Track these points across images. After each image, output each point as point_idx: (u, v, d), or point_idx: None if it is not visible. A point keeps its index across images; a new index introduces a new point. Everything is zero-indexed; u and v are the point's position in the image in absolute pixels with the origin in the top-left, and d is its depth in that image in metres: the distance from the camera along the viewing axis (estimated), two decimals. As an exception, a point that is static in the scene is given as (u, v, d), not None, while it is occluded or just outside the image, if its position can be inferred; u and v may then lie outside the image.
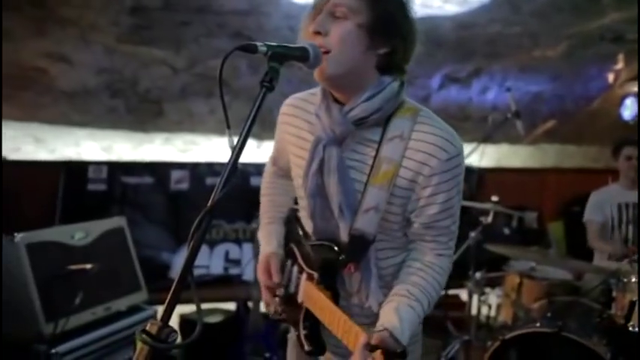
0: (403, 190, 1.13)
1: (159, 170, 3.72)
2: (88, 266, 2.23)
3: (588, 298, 2.67)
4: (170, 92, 3.52)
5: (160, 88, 3.48)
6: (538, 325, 2.38)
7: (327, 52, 1.08)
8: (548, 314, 2.50)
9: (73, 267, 2.22)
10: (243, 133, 0.96)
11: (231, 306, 3.29)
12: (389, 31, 1.10)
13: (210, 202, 0.91)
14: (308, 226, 1.28)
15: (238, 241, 3.88)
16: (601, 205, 3.18)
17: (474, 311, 3.25)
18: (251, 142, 4.20)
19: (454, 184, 1.13)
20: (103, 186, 3.56)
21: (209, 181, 3.79)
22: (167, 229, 3.73)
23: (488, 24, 3.36)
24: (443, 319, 3.30)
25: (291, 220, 1.38)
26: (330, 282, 1.19)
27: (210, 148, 4.04)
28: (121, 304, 2.46)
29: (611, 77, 4.40)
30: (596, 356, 2.17)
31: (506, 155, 4.81)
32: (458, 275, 1.86)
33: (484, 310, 3.33)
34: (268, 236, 1.38)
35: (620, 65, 4.24)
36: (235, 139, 0.96)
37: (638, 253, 2.98)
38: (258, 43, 0.99)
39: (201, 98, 3.62)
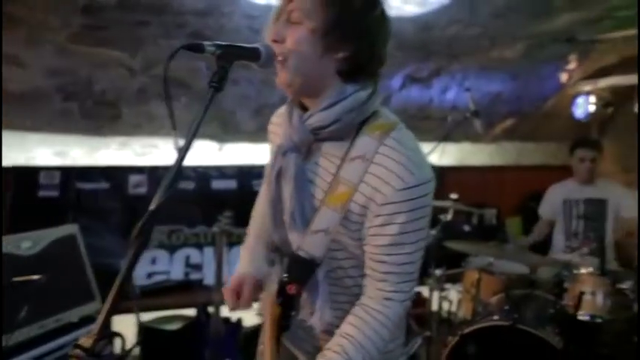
0: (356, 215, 1.06)
1: (115, 175, 3.61)
2: (35, 277, 2.13)
3: (543, 290, 2.76)
4: (127, 94, 3.40)
5: (117, 90, 3.35)
6: (495, 318, 2.46)
7: (284, 60, 1.04)
8: (506, 307, 2.58)
9: (18, 278, 2.11)
10: (191, 134, 0.92)
11: (192, 312, 3.21)
12: (345, 33, 1.02)
13: (152, 205, 0.86)
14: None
15: (199, 246, 3.80)
16: (552, 200, 3.37)
17: (434, 307, 3.28)
18: (212, 145, 4.14)
19: (411, 218, 1.01)
20: (55, 192, 3.42)
21: (169, 184, 3.69)
22: (125, 235, 3.60)
23: (447, 25, 3.40)
24: (404, 316, 3.32)
25: None
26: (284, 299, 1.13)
27: (170, 152, 3.92)
28: (72, 315, 2.38)
29: (564, 77, 4.54)
30: (548, 346, 2.26)
31: (468, 153, 4.89)
32: (419, 273, 1.88)
33: (445, 306, 3.37)
34: (250, 256, 1.29)
35: (572, 65, 4.38)
36: (182, 141, 0.92)
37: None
38: (206, 43, 0.95)
39: (161, 100, 3.52)
